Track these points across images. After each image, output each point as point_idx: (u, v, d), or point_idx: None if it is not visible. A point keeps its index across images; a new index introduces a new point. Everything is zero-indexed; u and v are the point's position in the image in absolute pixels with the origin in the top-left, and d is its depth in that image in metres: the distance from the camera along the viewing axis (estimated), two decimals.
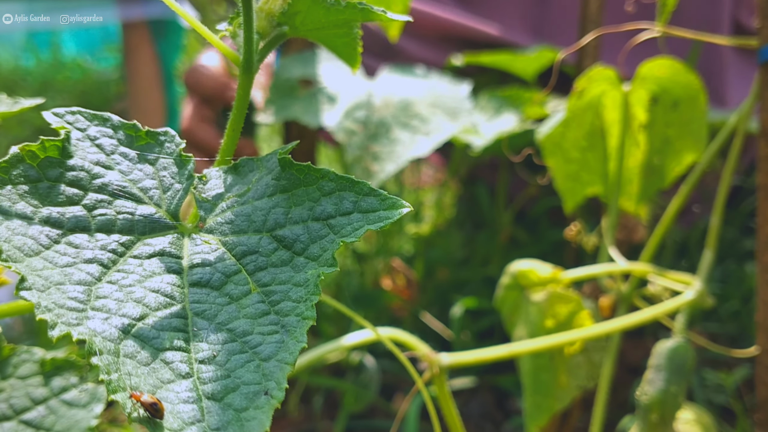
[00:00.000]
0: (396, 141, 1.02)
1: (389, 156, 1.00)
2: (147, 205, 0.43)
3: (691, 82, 0.90)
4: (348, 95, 1.08)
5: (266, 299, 0.39)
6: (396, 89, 1.11)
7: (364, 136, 1.01)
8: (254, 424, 0.34)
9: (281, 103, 1.08)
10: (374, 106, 1.06)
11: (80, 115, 0.45)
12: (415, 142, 1.02)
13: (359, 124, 1.03)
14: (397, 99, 1.08)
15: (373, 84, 1.13)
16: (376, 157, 0.99)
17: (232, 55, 0.49)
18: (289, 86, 1.10)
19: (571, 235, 1.05)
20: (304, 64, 1.13)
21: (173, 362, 0.36)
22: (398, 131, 1.03)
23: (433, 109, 1.07)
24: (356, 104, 1.06)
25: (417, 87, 1.12)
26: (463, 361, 0.73)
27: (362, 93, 1.09)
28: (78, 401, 0.56)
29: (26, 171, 0.41)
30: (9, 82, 2.23)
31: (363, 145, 1.01)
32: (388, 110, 1.05)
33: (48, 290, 0.36)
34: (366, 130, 1.02)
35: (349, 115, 1.04)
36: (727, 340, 1.25)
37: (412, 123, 1.04)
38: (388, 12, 0.45)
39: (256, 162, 0.45)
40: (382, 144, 1.01)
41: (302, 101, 1.07)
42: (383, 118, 1.04)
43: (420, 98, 1.09)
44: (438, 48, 1.41)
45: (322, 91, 1.09)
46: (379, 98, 1.08)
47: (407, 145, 1.02)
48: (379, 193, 0.41)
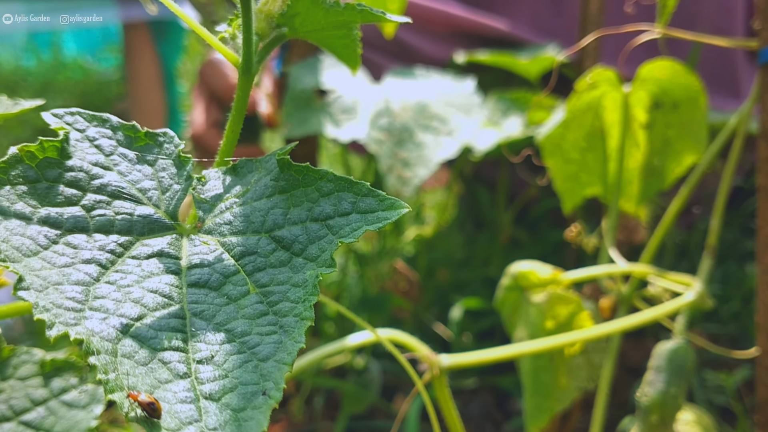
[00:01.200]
0: (421, 144, 1.02)
1: (419, 161, 1.00)
2: (146, 206, 0.43)
3: (691, 83, 0.90)
4: (367, 103, 1.07)
5: (265, 300, 0.39)
6: (408, 92, 1.10)
7: (392, 143, 1.01)
8: (252, 424, 0.34)
9: (299, 116, 1.06)
10: (394, 111, 1.05)
11: (79, 115, 0.45)
12: (440, 144, 1.03)
13: (384, 132, 1.02)
14: (413, 102, 1.07)
15: (386, 89, 1.12)
16: (407, 163, 0.99)
17: (231, 56, 0.49)
18: (305, 97, 1.08)
19: (571, 237, 1.05)
20: (314, 72, 1.11)
21: (171, 362, 0.36)
22: (421, 134, 1.03)
23: (448, 108, 1.07)
24: (377, 112, 1.05)
25: (426, 88, 1.12)
26: (463, 363, 0.73)
27: (379, 99, 1.08)
28: (78, 402, 0.56)
29: (25, 171, 0.41)
30: (10, 82, 2.23)
31: (392, 153, 1.00)
32: (407, 114, 1.05)
33: (46, 290, 0.36)
34: (391, 137, 1.01)
35: (374, 124, 1.04)
36: (728, 341, 1.24)
37: (432, 124, 1.04)
38: (386, 13, 0.45)
39: (255, 163, 0.45)
40: (408, 149, 1.01)
41: (321, 112, 1.06)
42: (405, 122, 1.04)
43: (433, 99, 1.08)
44: (448, 45, 1.41)
45: (338, 101, 1.07)
46: (396, 103, 1.07)
47: (433, 147, 1.02)
48: (378, 194, 0.41)
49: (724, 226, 1.32)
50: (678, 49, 1.02)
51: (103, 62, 2.36)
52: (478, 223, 1.55)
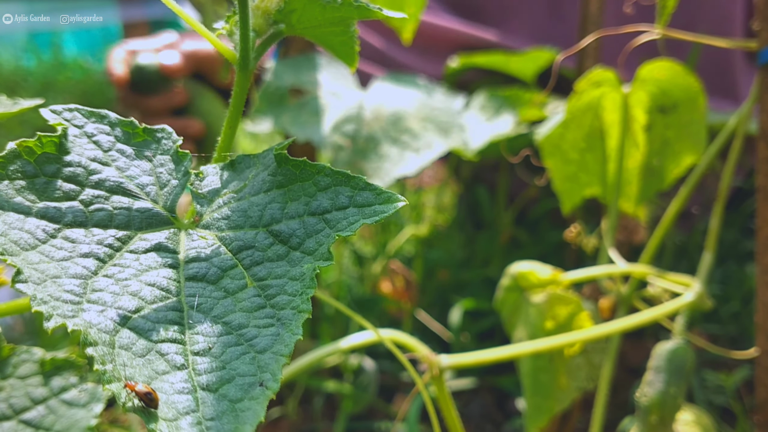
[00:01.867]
0: (384, 157, 0.99)
1: (376, 173, 0.97)
2: (144, 201, 0.43)
3: (690, 84, 0.90)
4: (338, 107, 1.05)
5: (262, 293, 0.39)
6: (388, 101, 1.07)
7: (352, 151, 0.98)
8: (249, 414, 0.34)
9: (270, 112, 1.05)
10: (364, 119, 1.03)
11: (78, 112, 0.45)
12: (404, 159, 1.00)
13: (347, 139, 1.00)
14: (389, 112, 1.04)
15: (366, 95, 1.09)
16: (363, 173, 0.96)
17: (229, 53, 0.49)
18: (279, 94, 1.07)
19: (571, 237, 1.05)
20: (297, 71, 1.10)
21: (168, 354, 0.36)
22: (387, 147, 1.00)
23: (425, 123, 1.04)
24: (345, 117, 1.03)
25: (410, 99, 1.09)
26: (462, 363, 0.73)
27: (353, 105, 1.05)
28: (78, 401, 0.56)
29: (23, 166, 0.41)
30: (10, 82, 2.24)
31: (350, 161, 0.98)
32: (378, 124, 1.02)
33: (44, 283, 0.36)
34: (354, 144, 0.99)
35: (338, 128, 1.01)
36: (728, 341, 1.24)
37: (402, 138, 1.01)
38: (383, 9, 0.45)
39: (253, 158, 0.46)
40: (369, 160, 0.98)
41: (291, 111, 1.05)
42: (373, 132, 1.01)
43: (412, 112, 1.06)
44: (439, 61, 1.40)
45: (311, 102, 1.06)
46: (370, 111, 1.04)
47: (395, 161, 0.99)
48: (375, 188, 0.41)
49: (724, 226, 1.33)
50: (678, 54, 1.02)
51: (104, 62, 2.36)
52: (478, 223, 1.55)
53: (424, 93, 1.13)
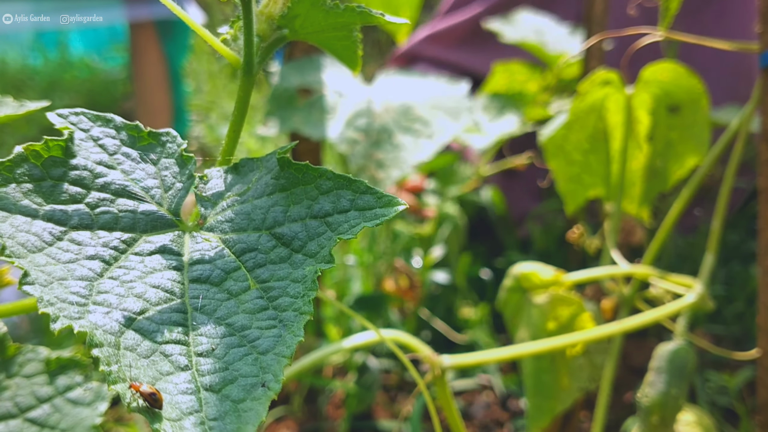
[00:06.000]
0: (399, 146, 1.01)
1: (394, 162, 1.00)
2: (149, 204, 0.44)
3: (693, 86, 0.90)
4: (348, 103, 1.07)
5: (265, 295, 0.40)
6: (395, 94, 1.10)
7: (367, 144, 1.01)
8: (251, 414, 0.34)
9: (280, 114, 1.06)
10: (375, 112, 1.05)
11: (84, 116, 0.45)
12: (419, 146, 1.02)
13: (361, 133, 1.02)
14: (397, 103, 1.07)
15: (372, 90, 1.12)
16: (381, 164, 0.99)
17: (233, 57, 0.49)
18: (287, 96, 1.08)
19: (573, 238, 1.05)
20: (302, 72, 1.11)
21: (172, 355, 0.37)
22: (401, 136, 1.02)
23: (434, 110, 1.07)
24: (356, 112, 1.05)
25: (416, 90, 1.12)
26: (464, 363, 0.74)
27: (362, 100, 1.08)
28: (82, 400, 0.56)
29: (30, 170, 0.42)
30: (17, 81, 2.25)
31: (366, 154, 1.00)
32: (389, 115, 1.04)
33: (50, 285, 0.37)
34: (368, 137, 1.01)
35: (350, 124, 1.04)
36: (732, 341, 1.25)
37: (414, 127, 1.04)
38: (385, 14, 0.46)
39: (256, 162, 0.46)
40: (385, 150, 1.00)
41: (302, 111, 1.06)
42: (385, 124, 1.03)
43: (420, 101, 1.08)
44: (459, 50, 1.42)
45: (320, 100, 1.08)
46: (379, 104, 1.07)
47: (411, 149, 1.01)
48: (376, 191, 0.42)
49: (729, 227, 1.32)
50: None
51: (110, 61, 2.37)
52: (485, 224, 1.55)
53: (428, 82, 1.15)
